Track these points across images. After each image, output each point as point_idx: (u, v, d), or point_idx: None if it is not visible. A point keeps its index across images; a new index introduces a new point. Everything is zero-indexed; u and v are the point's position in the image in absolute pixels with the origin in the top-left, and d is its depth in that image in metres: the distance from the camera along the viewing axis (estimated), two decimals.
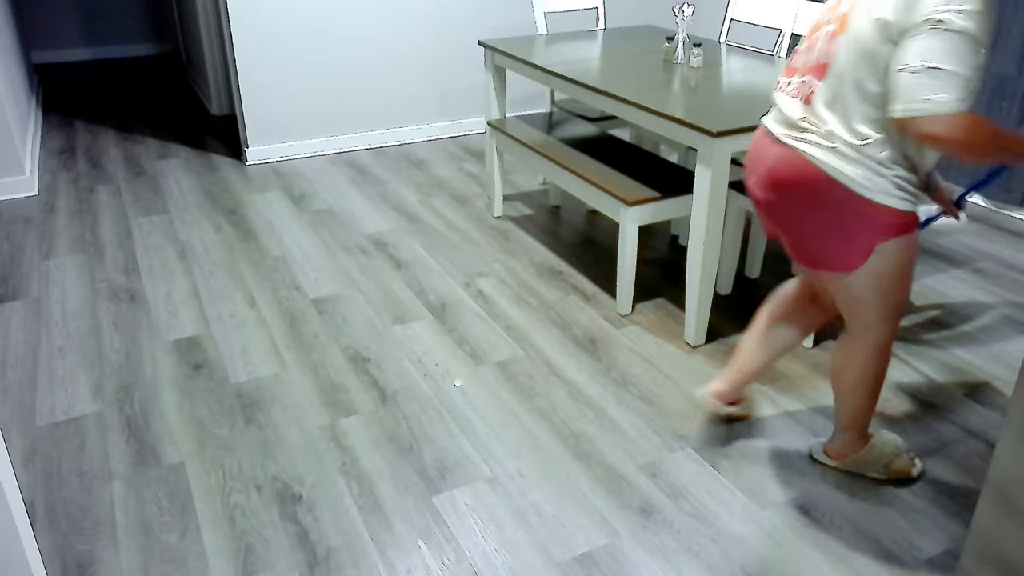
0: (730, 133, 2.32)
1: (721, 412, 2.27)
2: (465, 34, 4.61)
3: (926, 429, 2.25)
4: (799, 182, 1.70)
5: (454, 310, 2.86)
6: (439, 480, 2.06)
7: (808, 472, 2.09)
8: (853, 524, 1.92)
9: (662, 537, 1.88)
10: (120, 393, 2.40)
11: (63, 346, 2.64)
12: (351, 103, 4.47)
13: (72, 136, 4.77)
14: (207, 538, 1.88)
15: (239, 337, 2.69)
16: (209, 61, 5.07)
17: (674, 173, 2.88)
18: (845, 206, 1.67)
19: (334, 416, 2.30)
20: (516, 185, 4.02)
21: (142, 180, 4.07)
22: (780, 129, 1.76)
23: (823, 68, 1.67)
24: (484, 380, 2.47)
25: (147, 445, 2.18)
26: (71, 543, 1.86)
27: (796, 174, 1.70)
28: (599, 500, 1.99)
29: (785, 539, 1.88)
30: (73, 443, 2.19)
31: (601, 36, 3.59)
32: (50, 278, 3.08)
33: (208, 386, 2.44)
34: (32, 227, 3.53)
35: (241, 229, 3.51)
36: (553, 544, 1.86)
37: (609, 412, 2.32)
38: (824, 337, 2.69)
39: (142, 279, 3.08)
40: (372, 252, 3.31)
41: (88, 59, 6.83)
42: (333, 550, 1.85)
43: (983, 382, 2.46)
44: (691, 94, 2.66)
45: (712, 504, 1.98)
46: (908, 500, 2.00)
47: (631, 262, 2.74)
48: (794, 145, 1.70)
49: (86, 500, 1.99)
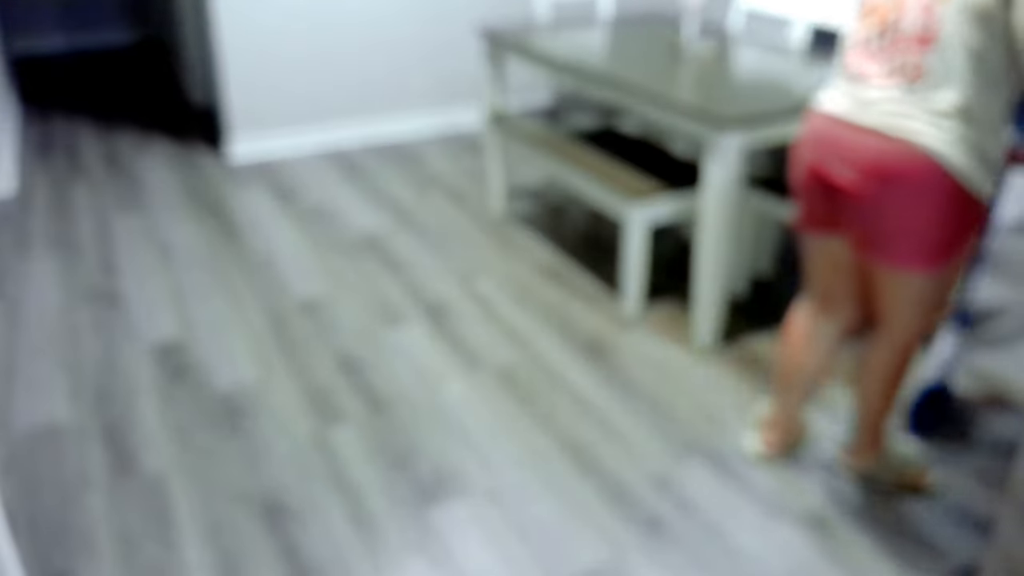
0: (740, 124, 2.33)
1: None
2: (463, 23, 4.62)
3: (944, 441, 2.26)
4: (910, 174, 1.65)
5: (450, 312, 2.87)
6: (434, 492, 2.07)
7: (823, 484, 2.09)
8: (871, 538, 1.93)
9: (670, 553, 1.89)
10: (99, 399, 2.41)
11: (40, 349, 2.65)
12: (341, 93, 4.48)
13: (50, 130, 4.79)
14: (189, 552, 1.89)
15: (223, 341, 2.70)
16: (192, 48, 5.08)
17: (681, 168, 2.89)
18: (955, 200, 1.65)
19: (323, 424, 2.31)
20: (516, 180, 4.02)
21: (122, 176, 4.08)
22: (876, 118, 1.69)
23: (925, 42, 1.63)
24: (482, 386, 2.48)
25: (127, 453, 2.19)
26: (50, 555, 1.87)
27: (907, 165, 1.65)
28: (604, 513, 2.00)
29: (800, 554, 1.89)
30: (51, 452, 2.20)
31: (607, 25, 3.61)
32: (27, 279, 3.09)
33: (190, 392, 2.45)
34: (8, 226, 3.54)
35: (225, 227, 3.52)
36: (555, 560, 1.87)
37: (614, 420, 2.33)
38: None
39: (122, 280, 3.08)
40: (363, 251, 3.32)
41: (66, 48, 6.84)
42: (321, 565, 1.85)
43: (1005, 390, 2.47)
44: (700, 84, 2.67)
45: (723, 518, 1.99)
46: (927, 513, 2.00)
47: (638, 262, 2.75)
48: (905, 137, 1.65)
49: (65, 511, 2.00)
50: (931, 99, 1.63)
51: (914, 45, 1.64)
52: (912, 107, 1.65)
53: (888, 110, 1.68)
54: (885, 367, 1.93)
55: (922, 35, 1.63)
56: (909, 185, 1.66)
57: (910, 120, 1.65)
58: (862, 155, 1.72)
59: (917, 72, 1.64)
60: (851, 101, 1.75)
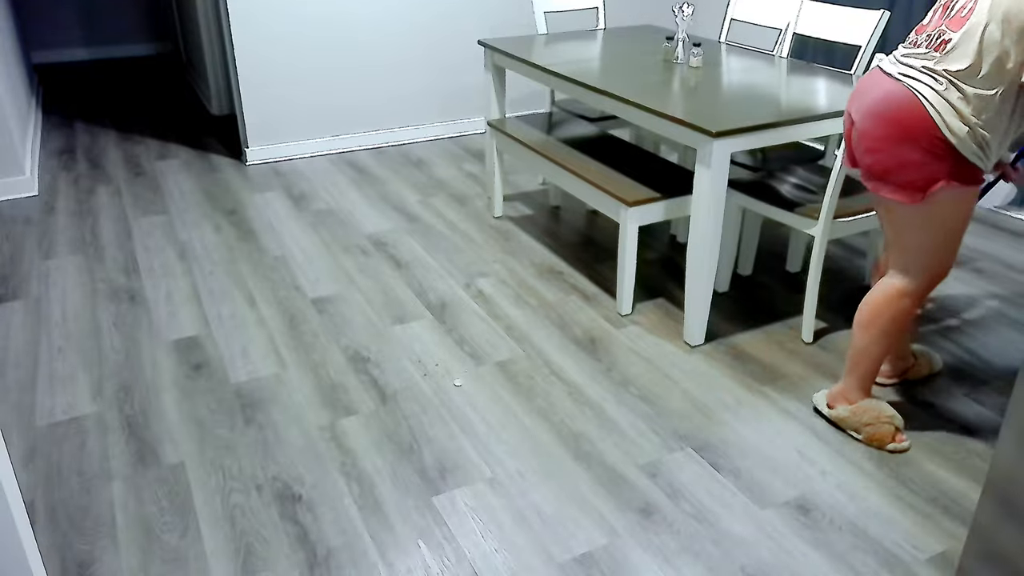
0: (730, 133, 2.32)
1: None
2: (465, 34, 4.61)
3: (927, 428, 2.25)
4: (900, 114, 1.87)
5: (454, 310, 2.87)
6: (439, 480, 2.06)
7: (808, 472, 2.09)
8: (853, 524, 1.92)
9: (662, 538, 1.88)
10: (120, 393, 2.40)
11: (63, 346, 2.64)
12: (351, 103, 4.47)
13: (72, 136, 4.78)
14: (207, 538, 1.88)
15: (239, 337, 2.69)
16: (209, 61, 5.07)
17: (674, 173, 2.88)
18: (934, 143, 1.85)
19: (334, 416, 2.31)
20: (516, 185, 4.02)
21: (142, 180, 4.07)
22: (898, 68, 1.91)
23: (961, 22, 1.81)
24: (484, 380, 2.47)
25: (147, 445, 2.19)
26: (71, 543, 1.87)
27: (901, 108, 1.86)
28: (599, 500, 1.99)
29: (785, 539, 1.88)
30: (73, 443, 2.19)
31: (601, 36, 3.60)
32: (50, 278, 3.08)
33: (208, 386, 2.44)
34: (32, 227, 3.53)
35: (241, 229, 3.51)
36: (553, 544, 1.86)
37: (609, 412, 2.32)
38: (822, 334, 2.70)
39: (142, 279, 3.08)
40: (372, 252, 3.31)
41: (88, 59, 6.83)
42: (333, 550, 1.85)
43: (983, 382, 2.47)
44: (691, 94, 2.66)
45: (712, 504, 1.98)
46: (908, 500, 2.00)
47: (631, 262, 2.74)
48: (908, 83, 1.86)
49: (86, 500, 1.99)
50: (938, 62, 1.83)
51: (952, 23, 1.83)
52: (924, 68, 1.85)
53: (905, 65, 1.90)
54: (882, 307, 2.07)
55: (959, 18, 1.82)
56: (898, 122, 1.87)
57: (917, 74, 1.86)
58: (871, 94, 1.94)
59: (943, 45, 1.83)
60: (890, 60, 1.96)
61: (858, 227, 2.58)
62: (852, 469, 2.10)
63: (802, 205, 2.57)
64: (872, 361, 2.14)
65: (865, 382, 2.17)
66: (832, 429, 2.25)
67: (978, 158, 1.86)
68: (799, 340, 2.68)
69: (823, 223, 2.46)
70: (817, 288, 2.58)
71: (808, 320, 2.64)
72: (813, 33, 3.12)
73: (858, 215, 2.54)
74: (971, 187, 1.92)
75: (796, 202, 2.59)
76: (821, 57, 4.25)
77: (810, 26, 3.14)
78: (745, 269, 3.13)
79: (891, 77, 1.92)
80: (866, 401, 2.19)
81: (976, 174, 1.90)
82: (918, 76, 1.86)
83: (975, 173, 1.90)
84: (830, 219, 2.46)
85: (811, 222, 2.51)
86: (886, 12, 2.87)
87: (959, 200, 1.93)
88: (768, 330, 2.74)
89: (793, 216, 2.56)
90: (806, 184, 2.73)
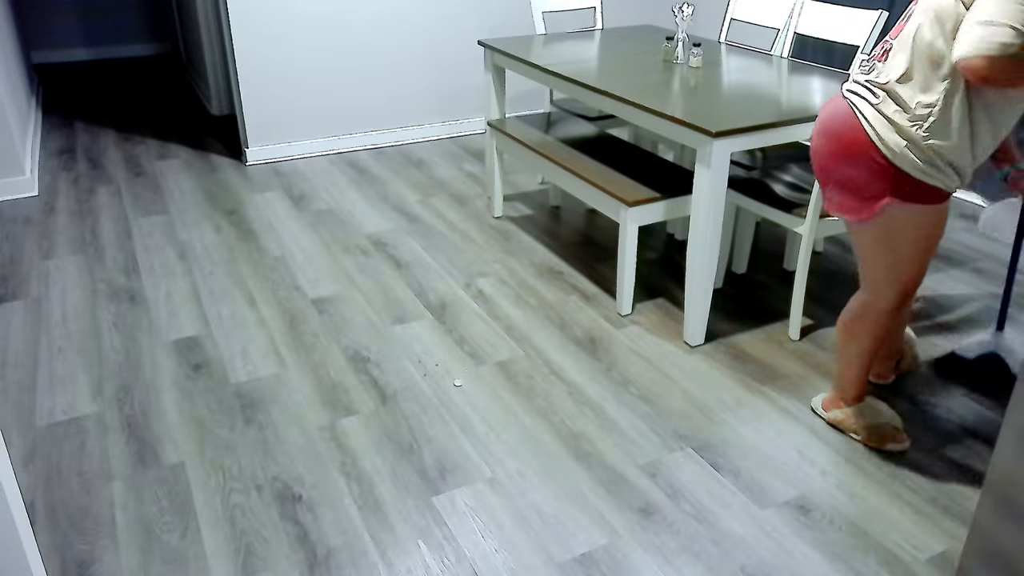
0: (729, 133, 2.32)
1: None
2: (465, 34, 4.61)
3: (926, 428, 2.25)
4: (842, 131, 1.87)
5: (454, 310, 2.86)
6: (439, 480, 2.06)
7: (808, 472, 2.09)
8: (853, 524, 1.92)
9: (662, 537, 1.88)
10: (120, 393, 2.40)
11: (63, 346, 2.64)
12: (351, 103, 4.47)
13: (72, 136, 4.77)
14: (207, 538, 1.88)
15: (239, 337, 2.69)
16: (209, 61, 5.07)
17: (673, 173, 2.88)
18: (871, 159, 1.83)
19: (334, 416, 2.30)
20: (516, 185, 4.01)
21: (142, 180, 4.07)
22: (848, 85, 1.92)
23: (900, 28, 1.83)
24: (484, 380, 2.47)
25: (147, 445, 2.18)
26: (71, 543, 1.86)
27: (844, 124, 1.87)
28: (599, 500, 1.99)
29: (785, 539, 1.88)
30: (73, 443, 2.19)
31: (601, 36, 3.59)
32: (50, 278, 3.08)
33: (208, 386, 2.44)
34: (32, 227, 3.53)
35: (241, 229, 3.51)
36: (553, 544, 1.86)
37: (609, 412, 2.32)
38: (812, 329, 2.69)
39: (142, 279, 3.07)
40: (372, 252, 3.31)
41: (88, 59, 6.83)
42: (333, 550, 1.84)
43: (982, 382, 2.46)
44: (691, 94, 2.66)
45: (712, 504, 1.98)
46: (908, 500, 1.99)
47: (631, 262, 2.74)
48: (849, 99, 1.88)
49: (86, 500, 1.99)
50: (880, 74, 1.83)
51: (894, 32, 1.85)
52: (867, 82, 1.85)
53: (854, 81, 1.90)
54: (856, 324, 2.09)
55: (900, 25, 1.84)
56: (839, 139, 1.87)
57: (860, 88, 1.86)
58: (823, 115, 1.96)
59: (884, 54, 1.84)
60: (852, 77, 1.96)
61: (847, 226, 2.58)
62: (852, 469, 2.10)
63: (793, 204, 2.57)
64: (859, 368, 2.13)
65: (856, 386, 2.17)
66: (832, 429, 2.25)
67: (926, 175, 1.79)
68: (798, 339, 2.68)
69: (810, 221, 2.47)
70: (804, 286, 2.59)
71: (795, 317, 2.64)
72: (812, 33, 3.12)
73: None
74: (926, 205, 1.84)
75: (787, 200, 2.60)
76: (821, 57, 4.25)
77: (809, 26, 3.14)
78: (740, 267, 3.13)
79: (841, 94, 1.92)
80: (863, 402, 2.19)
81: (929, 191, 1.82)
82: (859, 91, 1.85)
83: (928, 190, 1.82)
84: (817, 218, 2.46)
85: (799, 220, 2.52)
86: (884, 12, 2.87)
87: (915, 216, 1.86)
88: (768, 330, 2.74)
89: (782, 214, 2.57)
90: (799, 183, 2.73)
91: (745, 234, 3.06)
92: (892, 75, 1.78)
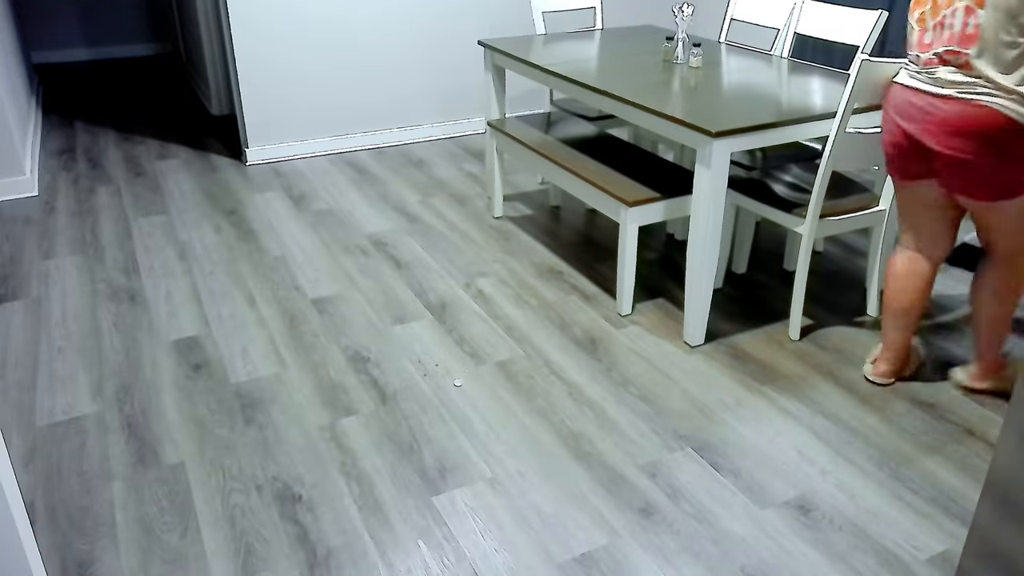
0: (729, 133, 2.32)
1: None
2: (465, 34, 4.61)
3: (926, 428, 2.25)
4: (983, 125, 1.95)
5: (454, 310, 2.86)
6: (439, 480, 2.06)
7: (808, 472, 2.09)
8: (853, 524, 1.92)
9: (662, 537, 1.88)
10: (120, 393, 2.40)
11: (63, 346, 2.64)
12: (351, 103, 4.47)
13: (72, 136, 4.77)
14: (207, 538, 1.88)
15: (239, 337, 2.69)
16: (209, 61, 5.06)
17: (673, 173, 2.88)
18: (1020, 138, 1.94)
19: (334, 416, 2.30)
20: (516, 185, 4.01)
21: (142, 180, 4.07)
22: (946, 90, 2.00)
23: (972, 39, 1.93)
24: (484, 380, 2.47)
25: (147, 445, 2.18)
26: (71, 543, 1.86)
27: (980, 120, 1.95)
28: (599, 500, 1.99)
29: (785, 539, 1.88)
30: (73, 443, 2.19)
31: (601, 36, 3.59)
32: (50, 278, 3.08)
33: (208, 386, 2.44)
34: (32, 227, 3.53)
35: (241, 229, 3.51)
36: (553, 544, 1.86)
37: (609, 412, 2.32)
38: (812, 329, 2.69)
39: (142, 279, 3.07)
40: (372, 252, 3.30)
41: (88, 59, 6.83)
42: (333, 550, 1.84)
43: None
44: (690, 94, 2.66)
45: (712, 504, 1.98)
46: (908, 500, 1.99)
47: (631, 262, 2.73)
48: (970, 98, 1.96)
49: (86, 500, 1.99)
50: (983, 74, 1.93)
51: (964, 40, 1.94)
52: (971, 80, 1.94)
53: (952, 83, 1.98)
54: (1002, 285, 2.18)
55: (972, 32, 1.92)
56: (984, 134, 1.96)
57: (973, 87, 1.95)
58: (937, 117, 2.02)
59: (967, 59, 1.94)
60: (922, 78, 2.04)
61: (847, 226, 2.59)
62: (852, 469, 2.10)
63: (793, 203, 2.57)
64: (1006, 335, 2.30)
65: (999, 352, 2.34)
66: (832, 429, 2.24)
67: None
68: (798, 339, 2.68)
69: (810, 221, 2.47)
70: (804, 286, 2.59)
71: (795, 317, 2.64)
72: (812, 33, 3.12)
73: (847, 214, 2.55)
74: None
75: (787, 200, 2.59)
76: (821, 57, 4.25)
77: (809, 26, 3.14)
78: (740, 267, 3.13)
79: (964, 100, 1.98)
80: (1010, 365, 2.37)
81: None
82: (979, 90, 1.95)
83: None
84: (816, 218, 2.46)
85: (799, 220, 2.52)
86: (884, 12, 2.87)
87: None
88: (768, 330, 2.74)
89: (782, 214, 2.57)
90: (799, 183, 2.73)
91: (745, 234, 3.06)
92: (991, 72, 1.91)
